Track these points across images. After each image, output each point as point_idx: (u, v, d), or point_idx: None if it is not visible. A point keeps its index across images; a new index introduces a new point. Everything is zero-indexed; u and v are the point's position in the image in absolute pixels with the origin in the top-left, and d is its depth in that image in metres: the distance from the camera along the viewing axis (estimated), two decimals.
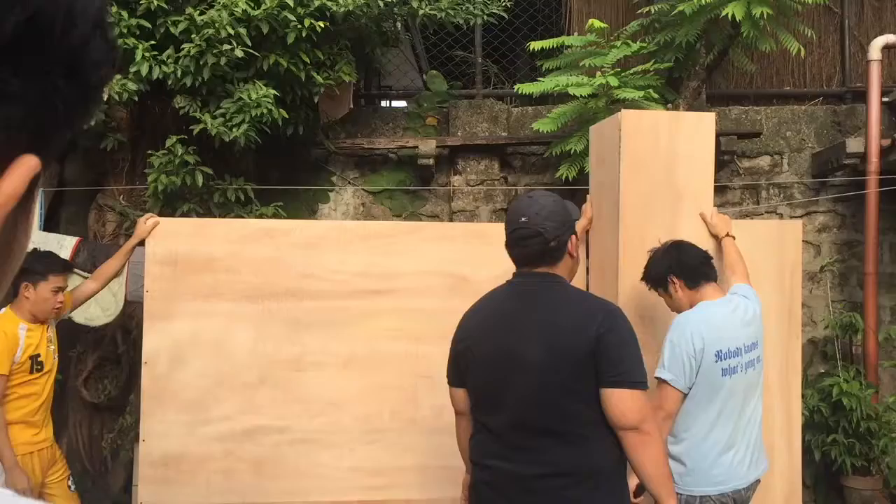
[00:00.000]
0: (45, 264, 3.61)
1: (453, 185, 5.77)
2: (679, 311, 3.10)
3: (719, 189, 5.71)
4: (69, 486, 3.87)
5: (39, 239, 4.51)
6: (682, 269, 3.06)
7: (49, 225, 5.18)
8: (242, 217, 4.78)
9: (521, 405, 2.29)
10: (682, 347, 2.91)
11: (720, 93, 6.28)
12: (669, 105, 5.29)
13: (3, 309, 3.60)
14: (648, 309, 3.51)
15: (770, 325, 3.39)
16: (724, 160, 5.60)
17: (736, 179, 5.87)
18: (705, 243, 3.31)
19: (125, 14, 4.43)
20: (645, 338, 3.50)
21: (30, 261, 3.56)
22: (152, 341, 3.65)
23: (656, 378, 2.94)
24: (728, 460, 2.92)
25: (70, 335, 4.94)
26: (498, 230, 3.69)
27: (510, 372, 2.31)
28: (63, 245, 4.65)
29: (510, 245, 2.42)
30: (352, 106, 5.61)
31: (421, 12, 5.08)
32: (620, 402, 2.21)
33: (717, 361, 2.91)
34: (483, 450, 2.40)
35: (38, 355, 3.61)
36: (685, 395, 2.93)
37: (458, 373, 2.50)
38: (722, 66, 5.92)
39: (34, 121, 0.42)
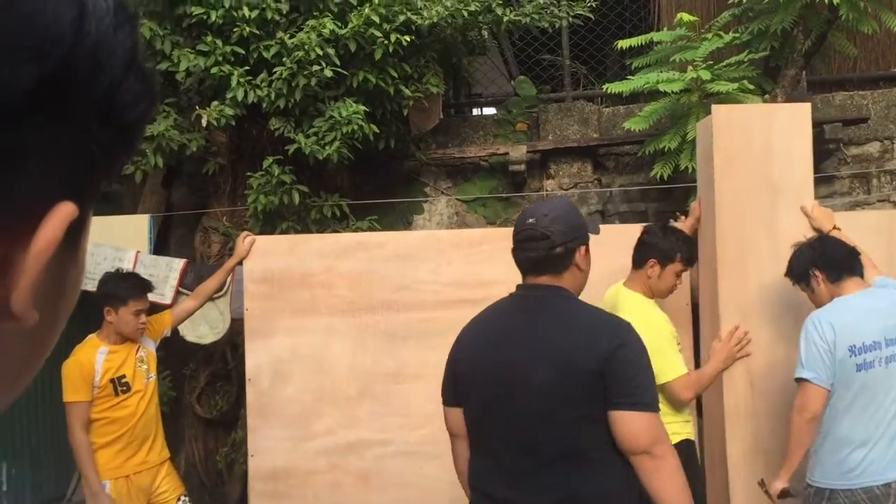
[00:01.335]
0: (125, 289, 3.62)
1: (546, 190, 5.72)
2: (820, 307, 3.01)
3: (826, 180, 5.45)
4: None
5: (150, 262, 4.72)
6: (824, 262, 2.99)
7: (159, 249, 5.41)
8: (339, 232, 4.87)
9: (525, 428, 2.14)
10: (816, 343, 2.85)
11: (821, 79, 6.00)
12: (766, 96, 5.08)
13: (90, 336, 3.67)
14: (750, 311, 3.39)
15: None
16: (829, 149, 5.35)
17: (843, 168, 5.58)
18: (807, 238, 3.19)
19: (220, 42, 4.60)
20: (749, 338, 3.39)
21: (110, 285, 3.64)
22: (254, 358, 3.75)
23: (796, 380, 2.91)
24: (860, 456, 2.83)
25: (182, 353, 5.14)
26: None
27: (511, 391, 2.15)
28: (172, 267, 4.85)
29: (515, 249, 2.28)
30: (441, 116, 5.64)
31: (506, 19, 5.07)
32: (631, 425, 2.05)
33: (851, 356, 2.83)
34: (483, 476, 2.25)
35: (123, 377, 3.60)
36: (829, 392, 2.85)
37: (455, 391, 2.34)
38: (821, 52, 5.64)
39: (68, 167, 0.42)
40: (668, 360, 3.17)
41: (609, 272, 3.53)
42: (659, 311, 3.32)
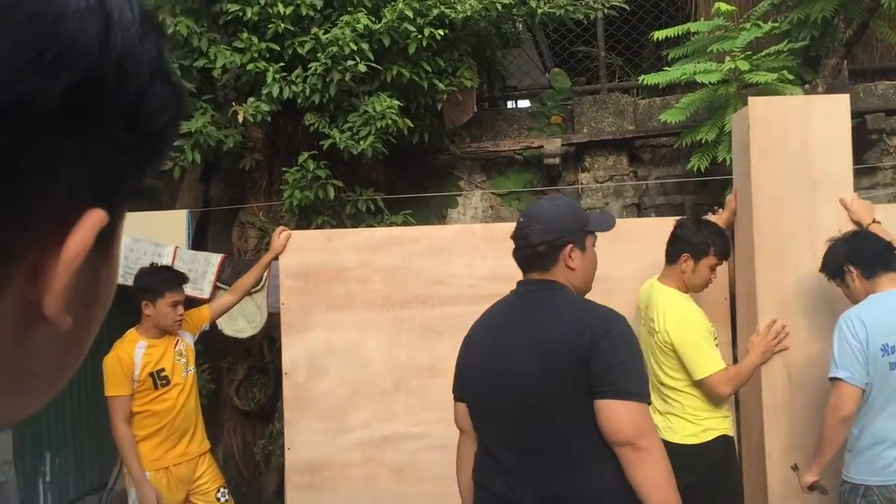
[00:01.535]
0: (160, 281, 3.67)
1: (581, 183, 5.68)
2: (856, 303, 2.98)
3: (868, 171, 5.35)
4: (218, 498, 3.89)
5: (188, 257, 4.79)
6: (859, 257, 2.95)
7: (197, 244, 5.47)
8: (373, 227, 4.89)
9: (516, 422, 2.15)
10: (849, 342, 2.83)
11: (863, 68, 5.87)
12: (807, 86, 4.99)
13: (129, 331, 3.73)
14: (788, 305, 3.35)
15: None
16: (871, 140, 5.24)
17: (886, 159, 5.47)
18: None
19: (255, 39, 4.64)
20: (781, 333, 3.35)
21: (146, 279, 3.69)
22: (291, 352, 3.79)
23: (830, 379, 2.89)
24: (894, 455, 2.81)
25: (221, 346, 5.21)
26: (628, 226, 3.62)
27: (503, 385, 2.17)
28: (210, 262, 4.91)
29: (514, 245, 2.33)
30: (475, 110, 5.63)
31: (540, 11, 5.04)
32: (614, 415, 2.01)
33: (883, 355, 2.80)
34: (483, 470, 2.27)
35: (162, 370, 3.65)
36: (863, 391, 2.83)
37: (459, 386, 2.39)
38: (863, 40, 5.52)
39: (98, 175, 0.43)
40: (705, 355, 3.14)
41: (643, 267, 3.51)
42: (694, 306, 3.28)
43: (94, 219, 0.42)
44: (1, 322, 0.42)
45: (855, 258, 2.96)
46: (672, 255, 3.32)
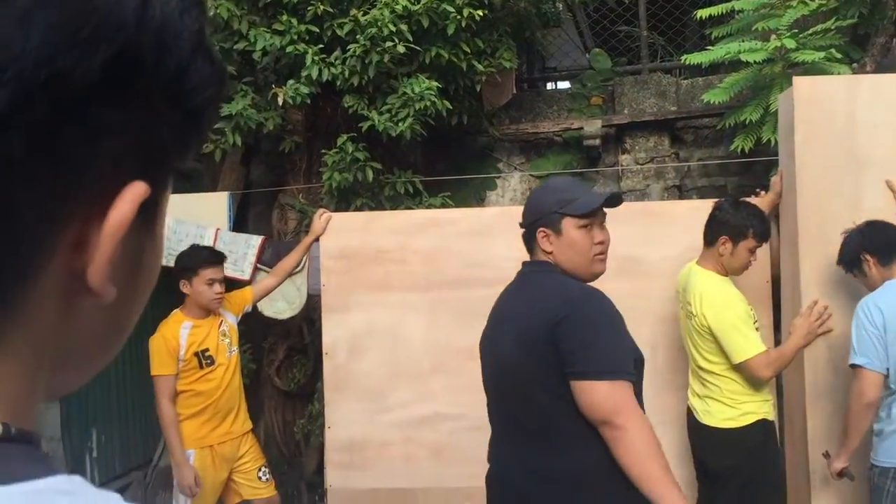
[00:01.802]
0: (195, 259, 3.72)
1: (622, 165, 5.63)
2: (872, 287, 3.00)
3: None
4: (259, 476, 3.94)
5: (229, 239, 4.84)
6: (875, 245, 2.95)
7: (238, 226, 5.53)
8: (412, 209, 4.89)
9: (505, 402, 2.19)
10: (866, 329, 2.84)
11: None
12: (855, 65, 4.87)
13: (174, 311, 3.79)
14: (832, 288, 3.29)
15: None
16: None
17: None
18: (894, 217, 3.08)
19: (295, 21, 4.65)
20: (832, 316, 3.29)
21: (183, 259, 3.75)
22: (331, 333, 3.83)
23: (851, 366, 2.91)
24: None
25: (261, 328, 5.28)
26: (668, 209, 3.58)
27: (495, 367, 2.22)
28: (250, 244, 4.96)
29: None
30: (514, 91, 5.60)
31: None
32: (585, 396, 2.01)
33: None
34: (490, 449, 2.35)
35: (207, 350, 3.70)
36: (884, 376, 2.85)
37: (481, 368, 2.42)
38: None
39: (140, 149, 0.44)
40: (745, 338, 3.10)
41: (683, 250, 3.47)
42: (733, 289, 3.24)
43: (137, 191, 0.43)
44: (47, 292, 0.42)
45: (871, 247, 2.96)
46: (710, 237, 3.27)
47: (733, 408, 3.18)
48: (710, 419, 3.22)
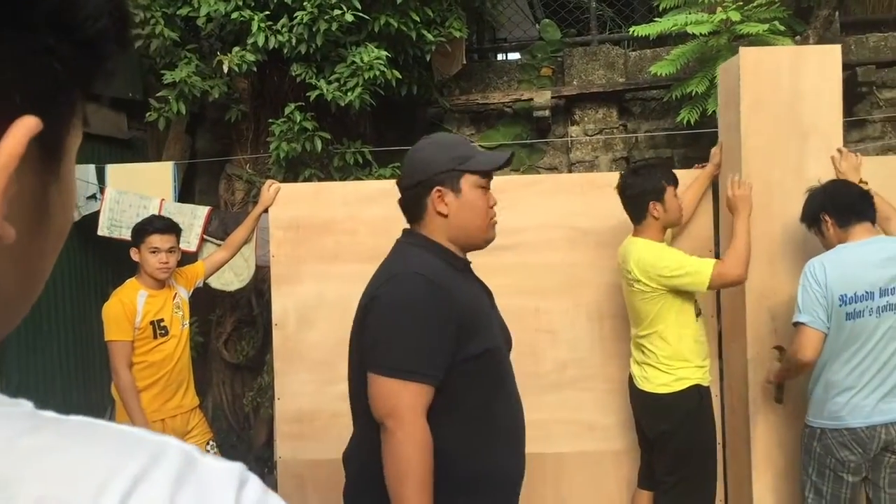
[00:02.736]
0: (143, 226, 3.67)
1: (571, 136, 5.66)
2: (828, 247, 3.06)
3: (858, 124, 5.34)
4: (207, 451, 3.94)
5: (174, 209, 4.76)
6: (834, 206, 3.00)
7: (184, 196, 5.44)
8: (361, 180, 4.86)
9: (351, 383, 2.03)
10: (811, 288, 2.91)
11: (855, 20, 5.83)
12: (798, 37, 4.96)
13: (129, 280, 3.73)
14: (777, 255, 3.37)
15: None
16: (861, 92, 5.23)
17: (876, 112, 5.46)
18: None
19: None
20: (771, 285, 3.38)
21: (135, 227, 3.71)
22: (281, 304, 3.80)
23: (794, 324, 2.99)
24: (844, 400, 2.94)
25: (209, 300, 5.21)
26: (616, 180, 3.60)
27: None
28: (196, 215, 4.88)
29: None
30: (464, 62, 5.57)
31: None
32: (372, 388, 1.84)
33: (840, 305, 2.89)
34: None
35: (161, 320, 3.67)
36: (825, 335, 2.91)
37: None
38: None
39: (28, 83, 0.42)
40: (695, 263, 3.16)
41: (622, 222, 3.48)
42: (671, 248, 3.32)
43: (26, 125, 0.42)
44: None
45: (830, 206, 3.00)
46: (637, 212, 3.31)
47: (668, 374, 3.26)
48: (647, 385, 3.31)
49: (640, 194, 3.27)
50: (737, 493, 3.61)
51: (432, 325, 1.85)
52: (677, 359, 3.25)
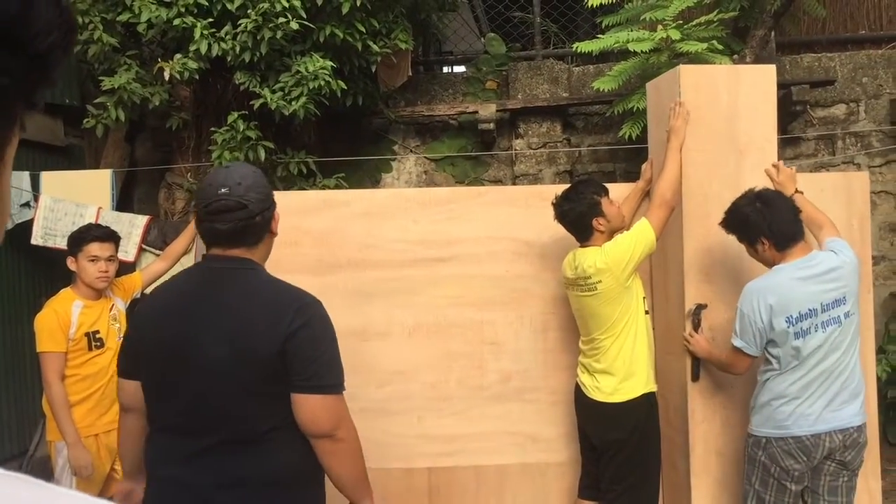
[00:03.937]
0: (81, 234, 3.59)
1: (515, 149, 5.70)
2: (763, 264, 3.13)
3: (792, 141, 5.50)
4: None
5: (112, 218, 4.64)
6: (773, 233, 3.05)
7: (122, 205, 5.32)
8: (305, 190, 4.81)
9: (198, 405, 2.00)
10: (751, 319, 3.01)
11: (790, 40, 6.02)
12: (735, 56, 5.09)
13: (63, 290, 3.65)
14: (713, 268, 3.44)
15: None
16: (796, 111, 5.39)
17: (809, 130, 5.63)
18: None
19: None
20: (708, 297, 3.44)
21: (72, 235, 3.62)
22: None
23: (731, 344, 3.11)
24: (789, 410, 3.00)
25: None
26: (554, 193, 3.62)
27: (187, 367, 2.00)
28: (135, 224, 4.77)
29: (205, 220, 2.07)
30: (410, 73, 5.58)
31: None
32: (311, 409, 1.98)
33: (788, 327, 2.97)
34: (157, 453, 2.10)
35: (97, 332, 3.59)
36: (755, 358, 3.08)
37: (128, 362, 2.20)
38: (791, 13, 5.66)
39: None
40: (634, 232, 3.23)
41: (567, 235, 3.50)
42: None
43: None
44: None
45: (769, 232, 3.04)
46: (583, 230, 3.33)
47: (624, 380, 3.29)
48: (597, 394, 3.32)
49: (580, 216, 3.30)
50: (675, 503, 3.65)
51: (336, 342, 2.10)
52: (630, 367, 3.27)
